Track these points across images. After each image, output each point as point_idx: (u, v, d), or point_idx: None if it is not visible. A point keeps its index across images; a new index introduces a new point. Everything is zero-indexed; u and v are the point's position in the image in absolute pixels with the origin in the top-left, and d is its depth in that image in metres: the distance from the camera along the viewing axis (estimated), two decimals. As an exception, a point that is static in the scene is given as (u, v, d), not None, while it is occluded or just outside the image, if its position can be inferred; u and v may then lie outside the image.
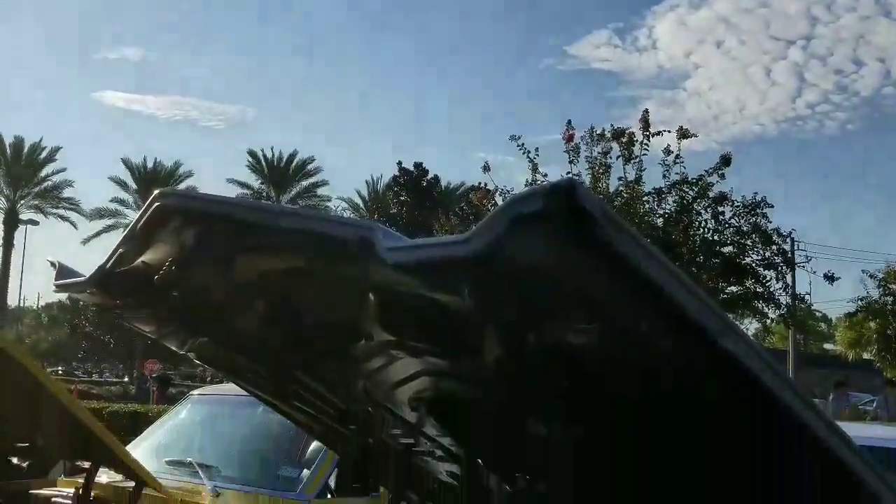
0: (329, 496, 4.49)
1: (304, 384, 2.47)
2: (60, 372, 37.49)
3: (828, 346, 49.67)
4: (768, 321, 15.28)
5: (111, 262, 2.21)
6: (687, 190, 13.19)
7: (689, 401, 1.68)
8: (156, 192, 2.01)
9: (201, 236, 2.02)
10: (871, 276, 24.47)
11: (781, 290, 14.05)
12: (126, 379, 33.78)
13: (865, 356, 29.23)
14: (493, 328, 1.75)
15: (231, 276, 2.08)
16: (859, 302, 24.62)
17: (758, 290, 13.67)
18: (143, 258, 2.17)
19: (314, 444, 4.45)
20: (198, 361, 2.75)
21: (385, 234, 1.58)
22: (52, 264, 2.51)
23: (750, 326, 16.48)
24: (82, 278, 2.35)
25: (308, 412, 2.66)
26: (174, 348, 2.76)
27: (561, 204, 1.27)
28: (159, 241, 2.08)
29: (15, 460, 5.20)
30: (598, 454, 2.11)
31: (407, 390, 2.21)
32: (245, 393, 2.98)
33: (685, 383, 1.65)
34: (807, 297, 28.84)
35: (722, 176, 12.91)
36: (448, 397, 2.17)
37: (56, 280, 2.49)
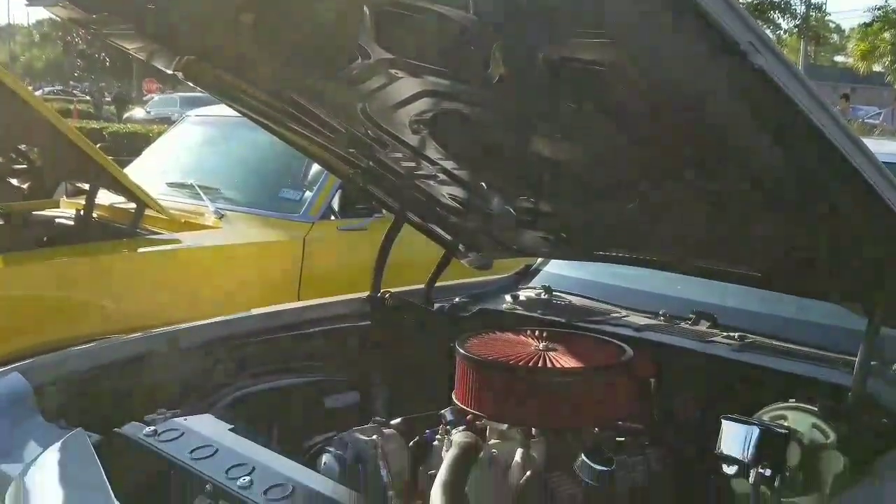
0: (332, 218, 4.48)
1: (300, 106, 2.33)
2: (58, 91, 37.23)
3: (839, 58, 48.87)
4: (781, 32, 14.84)
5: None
6: None
7: (710, 117, 1.56)
8: None
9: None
10: (891, -16, 23.53)
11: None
12: (131, 104, 33.52)
13: (877, 68, 28.80)
14: (500, 43, 1.60)
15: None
16: (876, 11, 23.87)
17: (774, -1, 13.14)
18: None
19: (315, 167, 4.38)
20: (187, 81, 2.58)
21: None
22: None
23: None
24: (52, -10, 2.15)
25: (306, 135, 2.53)
26: (162, 67, 2.58)
27: None
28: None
29: (15, 182, 5.18)
30: (604, 173, 2.03)
31: (408, 112, 2.08)
32: (244, 114, 2.87)
33: (710, 101, 1.53)
34: (822, 5, 28.07)
35: None
36: (450, 119, 2.04)
37: (27, -8, 2.27)
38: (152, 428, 1.97)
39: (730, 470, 1.72)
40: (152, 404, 2.11)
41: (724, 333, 2.39)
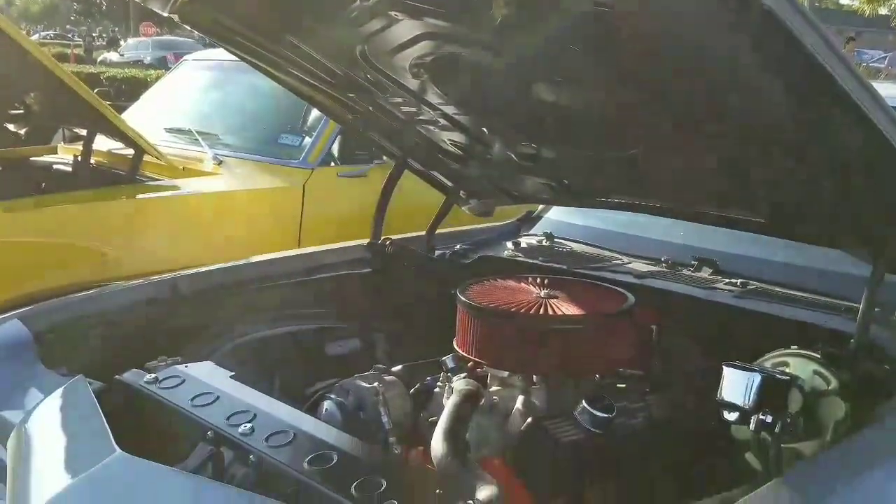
0: (332, 164, 4.45)
1: (298, 49, 2.29)
2: (54, 36, 36.83)
3: (844, 0, 48.26)
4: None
5: None
6: None
7: (716, 60, 1.54)
8: None
9: None
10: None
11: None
12: (122, 43, 33.16)
13: (882, 11, 28.43)
14: None
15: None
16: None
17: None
18: None
19: (315, 113, 4.33)
20: (183, 25, 2.54)
21: None
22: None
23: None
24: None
25: (305, 80, 2.50)
26: (157, 10, 2.54)
27: None
28: None
29: (12, 127, 5.14)
30: (607, 117, 2.00)
31: (408, 55, 2.05)
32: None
33: (716, 43, 1.50)
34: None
35: None
36: (451, 63, 2.00)
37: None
38: (153, 375, 1.97)
39: (731, 416, 1.72)
40: (153, 351, 2.11)
41: (727, 280, 2.38)
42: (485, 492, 1.51)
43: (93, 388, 1.93)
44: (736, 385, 1.71)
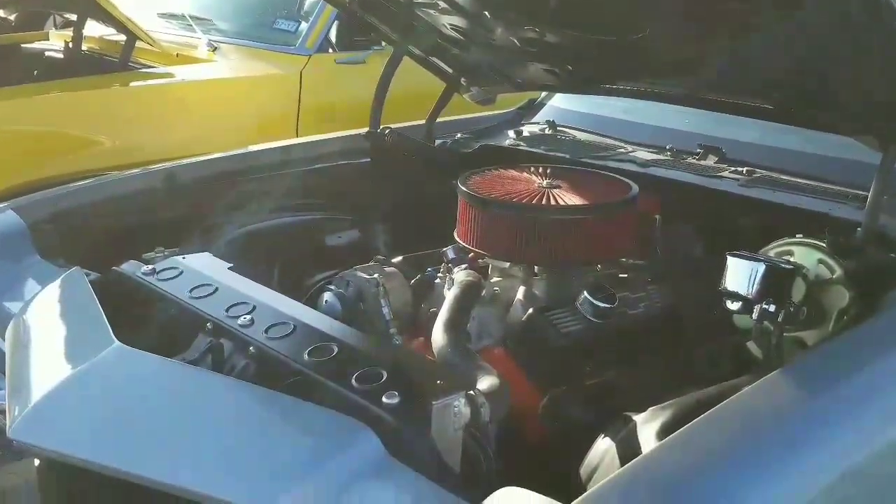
0: (330, 51, 4.35)
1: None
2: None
3: None
4: None
5: None
6: None
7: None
8: None
9: None
10: None
11: None
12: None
13: None
14: None
15: None
16: None
17: None
18: None
19: (310, -3, 4.22)
20: None
21: None
22: None
23: None
24: None
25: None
26: None
27: None
28: None
29: (1, 13, 5.02)
30: None
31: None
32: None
33: None
34: None
35: None
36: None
37: None
38: (150, 266, 1.94)
39: (734, 306, 1.71)
40: (150, 242, 2.08)
41: (732, 168, 2.34)
42: (486, 382, 1.50)
43: (89, 279, 1.92)
44: (739, 274, 1.69)
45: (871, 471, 1.36)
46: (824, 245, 1.82)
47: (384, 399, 1.39)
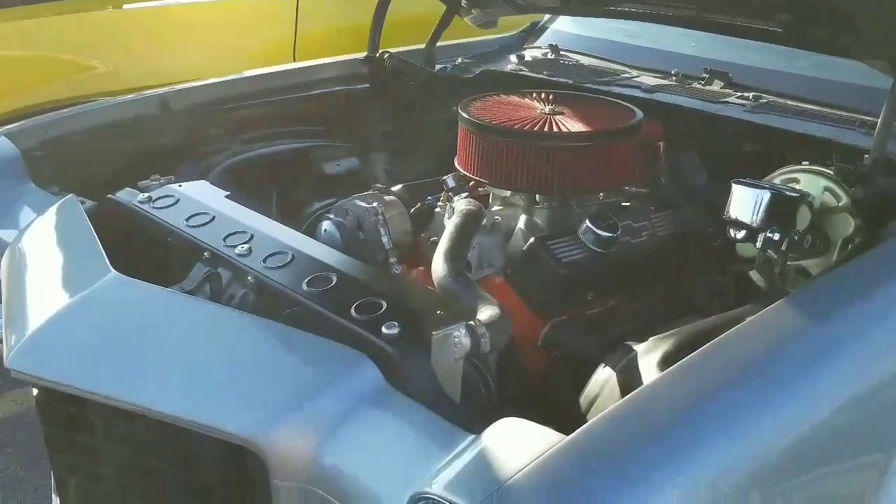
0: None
1: None
2: None
3: None
4: None
5: None
6: None
7: None
8: None
9: None
10: None
11: None
12: None
13: None
14: None
15: None
16: None
17: None
18: None
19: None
20: None
21: None
22: None
23: None
24: None
25: None
26: None
27: None
28: None
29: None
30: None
31: None
32: None
33: None
34: None
35: None
36: None
37: None
38: (146, 194, 1.92)
39: (738, 235, 1.69)
40: (145, 170, 2.05)
41: (738, 93, 2.30)
42: (486, 312, 1.49)
43: (84, 207, 1.89)
44: (744, 202, 1.67)
45: (875, 398, 1.35)
46: (831, 172, 1.79)
47: (384, 329, 1.38)
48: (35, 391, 1.49)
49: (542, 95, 2.11)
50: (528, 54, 2.82)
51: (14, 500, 2.23)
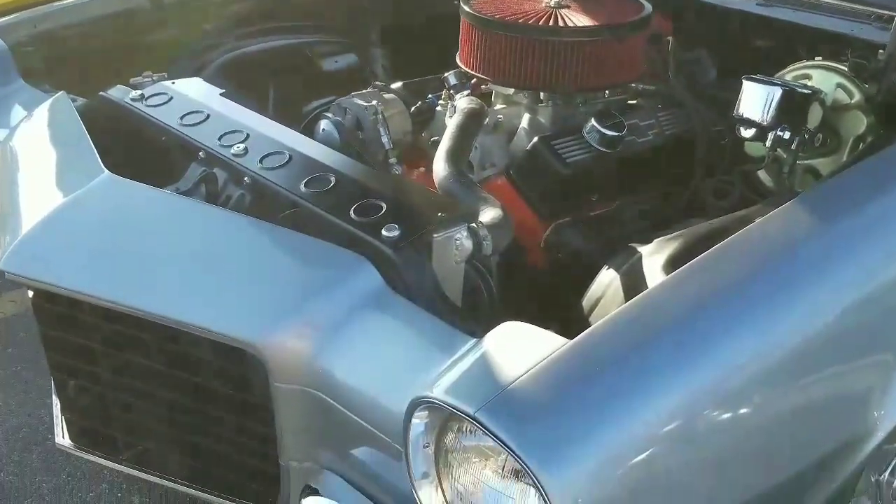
0: None
1: None
2: None
3: None
4: None
5: None
6: None
7: None
8: None
9: None
10: None
11: None
12: None
13: None
14: None
15: None
16: None
17: None
18: None
19: None
20: None
21: None
22: None
23: None
24: None
25: None
26: None
27: None
28: None
29: None
30: None
31: None
32: None
33: None
34: None
35: None
36: None
37: None
38: (139, 92, 1.86)
39: (747, 133, 1.64)
40: (137, 67, 1.99)
41: None
42: (488, 213, 1.46)
43: (76, 105, 1.84)
44: (755, 100, 1.62)
45: (884, 299, 1.33)
46: (844, 68, 1.73)
47: (384, 232, 1.35)
48: (30, 293, 1.47)
49: (548, -12, 2.03)
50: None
51: (16, 400, 2.25)
